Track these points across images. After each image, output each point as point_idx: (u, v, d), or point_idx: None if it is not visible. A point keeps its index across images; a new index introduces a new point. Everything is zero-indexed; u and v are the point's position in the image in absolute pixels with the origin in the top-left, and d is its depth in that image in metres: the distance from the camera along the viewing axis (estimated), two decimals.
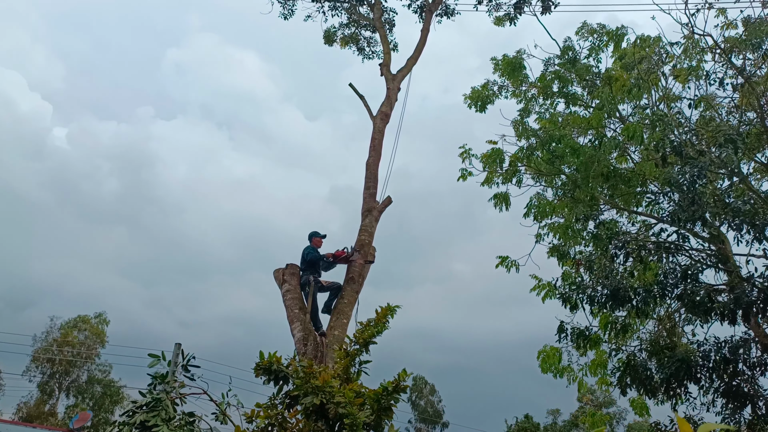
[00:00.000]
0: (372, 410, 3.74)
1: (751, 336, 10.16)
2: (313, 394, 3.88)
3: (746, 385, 10.10)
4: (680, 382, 10.30)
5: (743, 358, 9.84)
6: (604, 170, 13.12)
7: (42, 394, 39.87)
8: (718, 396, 10.22)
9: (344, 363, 4.41)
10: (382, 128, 10.34)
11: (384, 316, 4.76)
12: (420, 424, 48.06)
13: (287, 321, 9.39)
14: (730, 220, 9.47)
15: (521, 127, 14.25)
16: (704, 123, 11.62)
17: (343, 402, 3.66)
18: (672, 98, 12.54)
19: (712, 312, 9.61)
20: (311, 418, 4.07)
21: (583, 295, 11.06)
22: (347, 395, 3.71)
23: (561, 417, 45.39)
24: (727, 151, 8.90)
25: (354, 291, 9.59)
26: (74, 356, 39.97)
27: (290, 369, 4.14)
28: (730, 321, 9.56)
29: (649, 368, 10.55)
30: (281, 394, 4.22)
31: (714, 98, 11.31)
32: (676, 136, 10.04)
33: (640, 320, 12.41)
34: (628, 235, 10.76)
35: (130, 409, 5.75)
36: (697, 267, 10.23)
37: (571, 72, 12.97)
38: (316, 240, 9.45)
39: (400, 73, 11.34)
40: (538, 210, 13.87)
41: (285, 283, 9.60)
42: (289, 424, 3.91)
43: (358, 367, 4.44)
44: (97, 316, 41.81)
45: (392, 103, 10.76)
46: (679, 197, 9.67)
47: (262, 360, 4.25)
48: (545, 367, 14.69)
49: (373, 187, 10.20)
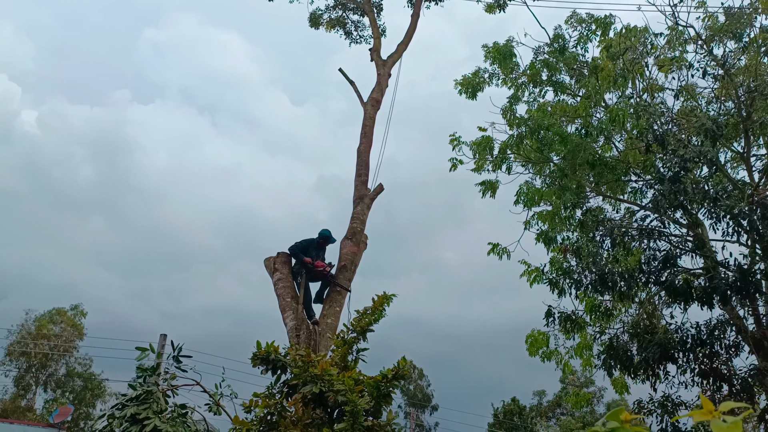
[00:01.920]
0: (371, 397, 3.79)
1: (726, 319, 10.50)
2: (312, 383, 3.94)
3: (723, 365, 10.48)
4: (658, 364, 10.66)
5: (719, 341, 10.19)
6: (590, 158, 13.31)
7: (18, 389, 39.37)
8: (695, 376, 10.60)
9: (342, 351, 4.46)
10: (373, 115, 10.37)
11: (381, 304, 4.82)
12: (410, 408, 48.81)
13: (279, 310, 9.37)
14: (710, 209, 9.74)
15: (511, 115, 14.33)
16: (686, 113, 11.86)
17: (342, 390, 3.71)
18: (656, 88, 12.73)
19: (691, 297, 9.91)
20: (309, 406, 4.10)
21: (569, 280, 11.34)
22: (347, 383, 3.76)
23: (546, 398, 46.58)
24: (706, 143, 9.15)
25: (346, 279, 9.64)
26: (51, 349, 39.52)
27: (288, 358, 4.16)
28: (707, 305, 9.91)
29: (629, 350, 10.85)
30: (279, 384, 4.24)
31: (696, 88, 11.55)
32: (659, 126, 10.23)
33: (624, 304, 12.78)
34: (613, 221, 11.00)
35: (120, 402, 5.74)
36: (676, 252, 10.51)
37: (560, 61, 13.07)
38: (322, 240, 9.30)
39: (391, 59, 11.35)
40: (527, 197, 14.03)
41: (276, 272, 9.61)
42: (288, 413, 3.94)
43: (356, 355, 4.47)
44: (74, 308, 41.31)
45: (383, 89, 10.79)
46: (662, 187, 9.90)
47: (260, 350, 4.29)
48: (533, 351, 15.13)
49: (364, 175, 10.23)
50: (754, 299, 11.24)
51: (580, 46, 13.23)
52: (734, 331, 10.72)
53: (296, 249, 9.42)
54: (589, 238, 11.59)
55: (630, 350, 11.52)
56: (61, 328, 40.38)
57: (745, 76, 11.09)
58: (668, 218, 11.39)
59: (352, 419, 3.47)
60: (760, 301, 11.50)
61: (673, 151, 9.37)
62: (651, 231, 11.13)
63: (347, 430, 3.35)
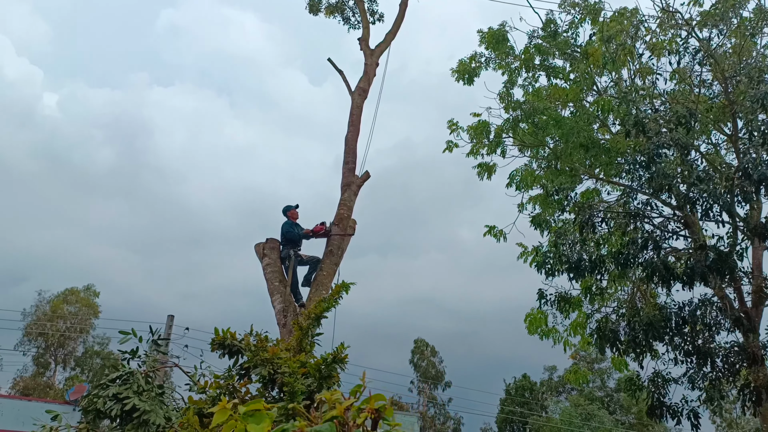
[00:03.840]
0: (314, 378, 4.19)
1: (708, 298, 10.79)
2: (263, 366, 4.34)
3: (707, 343, 10.79)
4: (644, 343, 10.98)
5: (700, 320, 10.49)
6: (583, 141, 13.49)
7: (38, 367, 40.87)
8: (681, 354, 10.93)
9: (297, 335, 4.86)
10: (360, 104, 10.68)
11: (338, 292, 5.20)
12: (423, 384, 49.87)
13: (268, 293, 9.76)
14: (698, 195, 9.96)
15: (507, 99, 14.54)
16: (676, 96, 11.99)
17: (287, 372, 4.10)
18: (647, 71, 12.83)
19: (671, 278, 10.18)
20: (267, 387, 4.53)
21: (557, 262, 11.64)
22: (291, 366, 4.15)
23: (556, 373, 47.26)
24: (681, 130, 9.36)
25: (333, 263, 10.04)
26: (67, 329, 40.82)
27: (243, 343, 4.58)
28: (688, 285, 10.20)
29: (616, 331, 11.17)
30: (236, 366, 4.67)
31: (687, 72, 11.65)
32: (639, 111, 10.42)
33: (617, 284, 13.10)
34: (599, 205, 11.26)
35: (104, 381, 6.22)
36: (662, 235, 10.76)
37: (552, 45, 13.21)
38: (291, 213, 9.85)
39: (379, 48, 11.57)
40: (520, 180, 14.30)
41: (265, 257, 10.04)
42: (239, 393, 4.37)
43: (311, 339, 4.87)
44: (87, 288, 42.46)
45: (370, 79, 11.06)
46: (649, 171, 10.13)
47: (217, 336, 4.71)
48: (532, 329, 15.47)
49: (351, 162, 10.57)
50: (736, 279, 11.51)
51: (572, 31, 13.33)
52: (715, 310, 11.00)
53: (291, 233, 9.91)
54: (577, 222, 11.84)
55: (617, 331, 11.85)
56: (76, 307, 41.62)
57: (731, 60, 11.18)
58: (656, 198, 11.66)
59: (290, 398, 3.88)
60: (745, 281, 11.78)
61: (649, 138, 9.61)
62: (636, 214, 11.37)
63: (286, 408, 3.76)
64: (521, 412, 44.84)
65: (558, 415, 40.97)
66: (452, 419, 50.71)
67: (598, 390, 45.35)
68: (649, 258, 10.90)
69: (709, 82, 12.57)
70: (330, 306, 5.07)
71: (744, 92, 10.42)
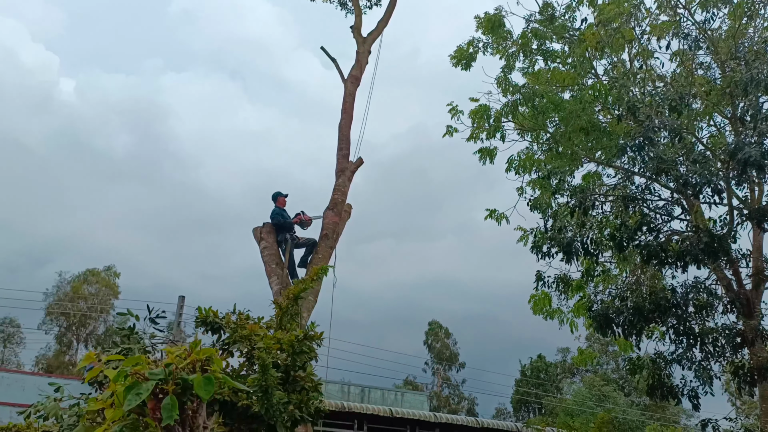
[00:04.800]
0: (288, 354, 4.63)
1: (701, 281, 11.01)
2: (241, 342, 4.79)
3: (697, 325, 11.06)
4: (638, 325, 11.28)
5: (692, 303, 10.74)
6: (583, 124, 13.63)
7: (60, 346, 42.35)
8: (671, 336, 11.22)
9: (278, 314, 5.30)
10: (352, 91, 11.01)
11: (315, 275, 5.63)
12: (437, 365, 50.73)
13: (266, 275, 10.23)
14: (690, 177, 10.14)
15: (505, 83, 14.68)
16: (676, 78, 12.08)
17: (262, 347, 4.55)
18: (648, 53, 12.91)
19: (667, 261, 10.42)
20: (250, 363, 5.00)
21: (553, 245, 11.89)
22: (266, 342, 4.60)
23: (570, 354, 47.64)
24: (673, 115, 9.52)
25: (328, 246, 10.47)
26: (88, 309, 42.14)
27: (224, 321, 5.04)
28: (682, 268, 10.44)
29: (608, 314, 11.44)
30: (219, 342, 5.13)
31: (686, 53, 11.72)
32: (632, 96, 10.57)
33: (619, 267, 13.35)
34: (594, 190, 11.47)
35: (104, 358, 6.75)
36: (655, 218, 10.97)
37: (549, 29, 13.33)
38: (280, 200, 10.30)
39: (371, 37, 11.83)
40: (519, 164, 14.51)
41: (263, 241, 10.51)
42: None
43: (290, 318, 5.31)
44: (107, 269, 43.73)
45: (362, 67, 11.36)
46: (640, 155, 10.34)
47: (201, 314, 5.16)
48: (536, 310, 15.72)
49: (345, 149, 10.93)
50: (734, 261, 11.69)
51: (569, 14, 13.43)
52: (705, 292, 11.24)
53: (281, 217, 10.38)
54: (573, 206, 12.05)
55: (610, 314, 12.11)
56: (96, 288, 42.94)
57: (728, 42, 11.24)
58: (657, 182, 11.84)
59: (262, 371, 4.33)
60: (743, 263, 11.96)
61: (640, 123, 9.80)
62: (633, 197, 11.58)
63: (259, 380, 4.21)
64: (536, 394, 45.32)
65: (571, 396, 41.28)
66: (466, 399, 51.59)
67: (613, 372, 45.61)
68: (645, 241, 11.11)
69: (707, 64, 12.64)
70: (306, 287, 5.50)
71: (735, 76, 10.53)
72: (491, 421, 22.67)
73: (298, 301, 5.40)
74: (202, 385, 2.82)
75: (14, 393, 17.23)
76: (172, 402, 2.76)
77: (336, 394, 21.31)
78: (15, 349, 42.84)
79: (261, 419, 4.38)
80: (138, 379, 2.74)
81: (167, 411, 2.73)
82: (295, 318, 5.34)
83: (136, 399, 2.70)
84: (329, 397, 20.30)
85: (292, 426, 4.54)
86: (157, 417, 2.79)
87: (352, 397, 21.62)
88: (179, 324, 21.01)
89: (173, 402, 2.76)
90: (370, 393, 22.93)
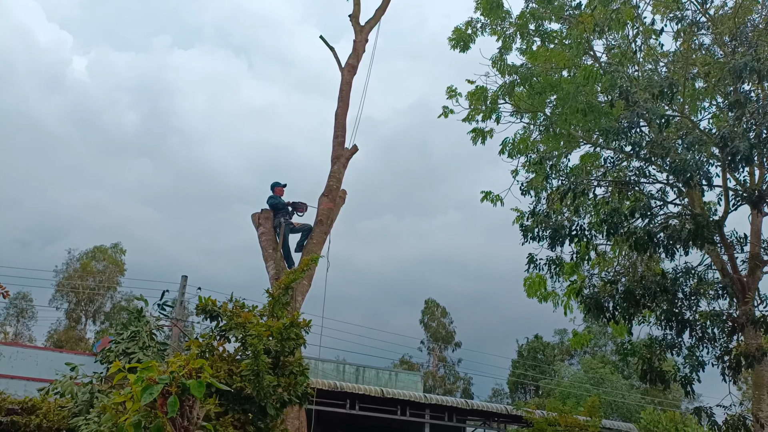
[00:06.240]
0: (277, 340, 5.16)
1: (690, 267, 11.34)
2: (236, 329, 5.32)
3: (689, 310, 11.40)
4: (629, 310, 11.66)
5: (680, 289, 11.09)
6: (580, 106, 13.88)
7: (70, 321, 43.54)
8: (662, 321, 11.57)
9: (270, 303, 5.83)
10: (349, 79, 11.33)
11: (306, 265, 6.12)
12: (432, 343, 51.12)
13: (263, 260, 10.78)
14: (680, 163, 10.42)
15: (502, 64, 14.89)
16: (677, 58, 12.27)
17: (254, 334, 5.09)
18: (649, 32, 13.07)
19: (651, 247, 10.76)
20: (246, 348, 5.55)
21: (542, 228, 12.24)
22: (257, 329, 5.13)
23: (567, 336, 48.09)
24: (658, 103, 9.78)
25: (323, 232, 10.95)
26: (97, 285, 43.15)
27: (221, 309, 5.57)
28: (669, 254, 10.78)
29: (599, 299, 11.79)
30: (217, 329, 5.68)
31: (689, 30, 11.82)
32: (623, 81, 10.79)
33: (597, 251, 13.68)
34: (586, 175, 11.81)
35: (115, 339, 7.36)
36: (649, 203, 11.27)
37: (547, 8, 13.52)
38: (278, 189, 10.83)
39: (368, 25, 12.08)
40: (513, 147, 14.83)
41: (260, 227, 11.02)
42: (217, 351, 5.38)
43: (282, 306, 5.83)
44: (114, 246, 44.65)
45: (359, 55, 11.64)
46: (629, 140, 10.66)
47: (201, 302, 5.69)
48: (531, 292, 16.11)
49: (341, 136, 11.32)
50: (730, 247, 11.94)
51: None
52: (696, 277, 11.56)
53: (277, 202, 10.95)
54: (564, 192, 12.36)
55: (600, 299, 12.45)
56: (103, 265, 43.90)
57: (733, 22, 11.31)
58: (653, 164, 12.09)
59: (254, 356, 4.86)
60: (738, 248, 12.23)
61: (630, 107, 10.09)
62: (627, 182, 11.87)
63: (251, 364, 4.75)
64: (533, 376, 45.67)
65: (567, 379, 41.29)
66: (462, 379, 52.01)
67: (612, 354, 45.78)
68: (634, 228, 11.34)
69: (707, 45, 12.77)
70: (297, 278, 6.00)
71: (728, 62, 10.69)
72: (481, 403, 23.40)
73: (288, 291, 5.91)
74: (196, 388, 3.85)
75: (29, 367, 18.12)
76: (175, 400, 3.79)
77: (331, 373, 21.96)
78: (28, 323, 44.16)
79: (253, 401, 4.91)
80: (150, 382, 3.74)
81: (171, 406, 3.78)
82: (286, 306, 5.85)
83: (149, 397, 3.72)
84: (324, 376, 21.02)
85: (281, 407, 5.08)
86: (164, 410, 3.80)
87: (347, 377, 22.26)
88: (182, 303, 21.71)
89: (175, 400, 3.80)
90: (365, 372, 23.52)
